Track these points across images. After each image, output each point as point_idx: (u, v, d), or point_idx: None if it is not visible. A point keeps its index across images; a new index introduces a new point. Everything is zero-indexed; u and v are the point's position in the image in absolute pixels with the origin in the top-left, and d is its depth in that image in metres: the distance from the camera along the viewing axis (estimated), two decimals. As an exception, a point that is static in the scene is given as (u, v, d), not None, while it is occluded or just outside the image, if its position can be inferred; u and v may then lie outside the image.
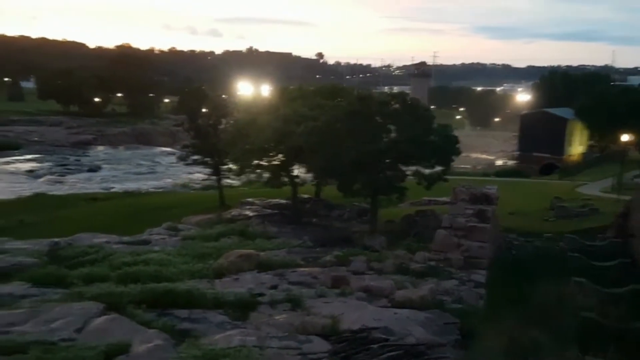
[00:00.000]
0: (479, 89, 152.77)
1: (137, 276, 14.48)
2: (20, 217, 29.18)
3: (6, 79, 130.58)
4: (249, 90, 76.00)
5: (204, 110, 33.14)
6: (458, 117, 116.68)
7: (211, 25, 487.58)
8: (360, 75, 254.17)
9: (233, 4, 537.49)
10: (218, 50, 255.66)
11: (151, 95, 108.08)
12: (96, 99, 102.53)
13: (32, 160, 66.17)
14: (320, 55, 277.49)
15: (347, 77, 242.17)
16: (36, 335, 10.21)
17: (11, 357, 9.25)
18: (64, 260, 18.29)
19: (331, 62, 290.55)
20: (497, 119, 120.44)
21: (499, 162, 76.50)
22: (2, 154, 68.98)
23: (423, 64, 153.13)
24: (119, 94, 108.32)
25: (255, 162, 26.96)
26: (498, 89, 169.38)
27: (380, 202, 24.71)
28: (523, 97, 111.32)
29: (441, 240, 18.11)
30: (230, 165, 30.20)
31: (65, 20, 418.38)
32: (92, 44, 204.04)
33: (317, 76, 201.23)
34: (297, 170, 28.02)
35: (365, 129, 22.89)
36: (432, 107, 40.29)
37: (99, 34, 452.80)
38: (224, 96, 40.56)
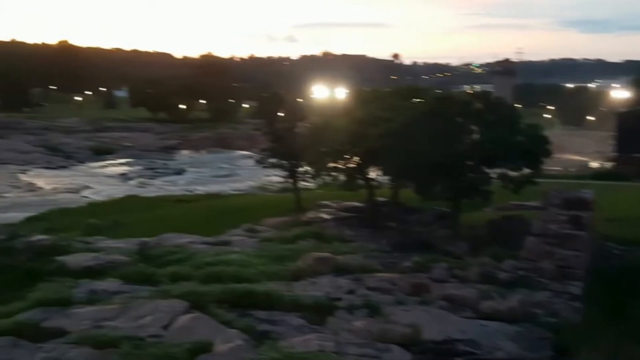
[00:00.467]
0: (569, 85, 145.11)
1: (219, 276, 14.97)
2: (114, 217, 30.71)
3: (102, 89, 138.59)
4: (325, 93, 76.31)
5: (280, 114, 33.69)
6: (547, 116, 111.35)
7: (288, 31, 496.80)
8: (438, 75, 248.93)
9: (308, 10, 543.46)
10: (294, 56, 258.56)
11: (231, 100, 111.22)
12: (181, 106, 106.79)
13: (125, 164, 69.79)
14: (395, 55, 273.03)
15: (424, 77, 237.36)
16: (127, 330, 10.82)
17: (104, 351, 9.88)
18: (152, 259, 19.12)
19: (407, 62, 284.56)
20: (590, 118, 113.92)
21: (594, 164, 72.16)
22: (99, 158, 73.44)
23: (507, 61, 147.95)
24: (202, 101, 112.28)
25: (331, 164, 26.99)
26: (591, 85, 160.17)
27: (462, 206, 23.94)
28: (620, 93, 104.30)
29: (531, 248, 17.03)
30: (306, 168, 30.46)
31: (154, 33, 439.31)
32: (178, 54, 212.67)
33: (393, 77, 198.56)
34: (374, 173, 27.80)
35: (445, 130, 22.32)
36: (517, 105, 38.53)
37: (184, 44, 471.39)
38: (300, 100, 41.04)
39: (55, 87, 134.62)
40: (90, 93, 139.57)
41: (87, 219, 30.34)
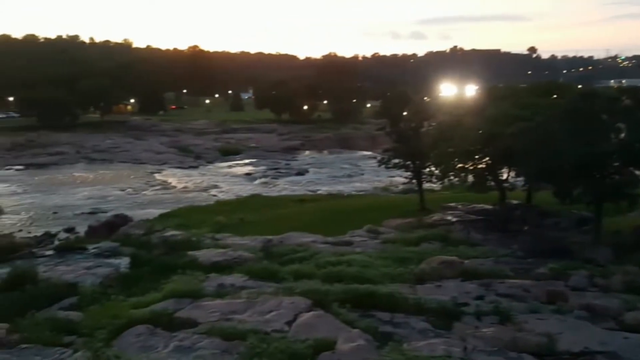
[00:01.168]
0: None
1: (341, 276, 14.95)
2: (240, 216, 31.90)
3: (229, 92, 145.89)
4: (453, 91, 74.23)
5: (405, 113, 33.14)
6: None
7: (414, 28, 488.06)
8: (581, 69, 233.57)
9: (437, 4, 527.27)
10: (421, 53, 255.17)
11: (354, 100, 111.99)
12: (304, 107, 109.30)
13: (249, 164, 72.52)
14: (532, 49, 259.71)
15: (564, 71, 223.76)
16: (253, 324, 11.06)
17: (232, 343, 10.13)
18: (276, 256, 19.57)
19: (545, 56, 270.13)
20: None
21: None
22: (226, 158, 76.99)
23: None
24: (325, 101, 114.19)
25: (459, 165, 26.14)
26: None
27: (605, 210, 22.11)
28: None
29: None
30: (432, 169, 29.73)
31: (278, 35, 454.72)
32: (301, 55, 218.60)
33: (529, 72, 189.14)
34: (506, 174, 26.52)
35: (589, 128, 20.71)
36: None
37: (308, 45, 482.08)
38: (426, 99, 40.15)
39: (185, 91, 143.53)
40: (217, 96, 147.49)
41: (215, 217, 31.76)
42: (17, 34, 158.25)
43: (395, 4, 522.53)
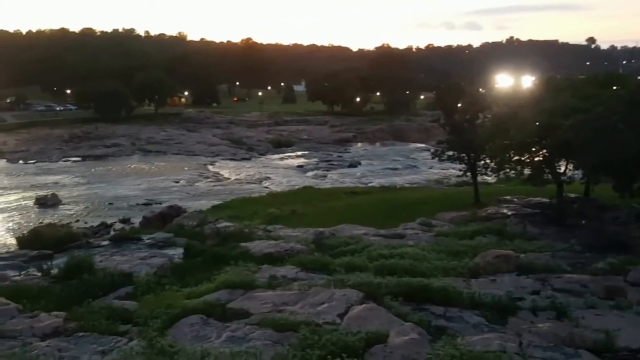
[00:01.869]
0: None
1: (393, 269, 14.75)
2: (292, 208, 32.13)
3: (282, 84, 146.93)
4: (509, 82, 72.51)
5: (460, 105, 32.60)
6: None
7: (469, 18, 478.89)
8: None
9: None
10: (476, 44, 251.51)
11: (407, 92, 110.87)
12: (357, 99, 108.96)
13: (302, 157, 72.91)
14: (591, 39, 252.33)
15: (624, 62, 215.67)
16: (304, 316, 11.06)
17: (284, 334, 10.18)
18: (328, 248, 19.56)
19: (604, 46, 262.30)
20: None
21: None
22: (278, 150, 77.61)
23: None
24: (377, 93, 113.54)
25: (515, 158, 25.60)
26: None
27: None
28: None
29: None
30: (487, 162, 29.17)
31: (331, 28, 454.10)
32: (354, 48, 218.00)
33: (587, 63, 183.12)
34: (564, 167, 25.79)
35: (651, 120, 19.91)
36: None
37: (362, 37, 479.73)
38: (481, 90, 39.39)
39: (238, 83, 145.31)
40: (270, 88, 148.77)
41: (268, 208, 32.11)
42: (75, 27, 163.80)
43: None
